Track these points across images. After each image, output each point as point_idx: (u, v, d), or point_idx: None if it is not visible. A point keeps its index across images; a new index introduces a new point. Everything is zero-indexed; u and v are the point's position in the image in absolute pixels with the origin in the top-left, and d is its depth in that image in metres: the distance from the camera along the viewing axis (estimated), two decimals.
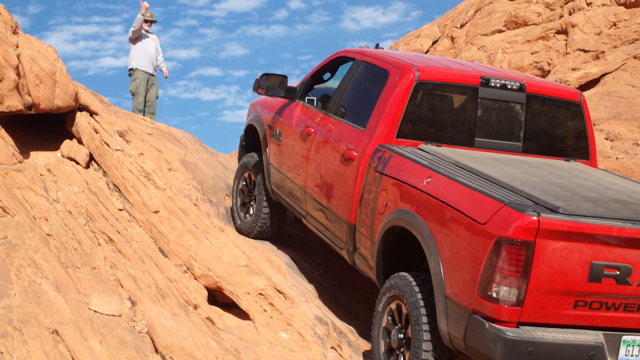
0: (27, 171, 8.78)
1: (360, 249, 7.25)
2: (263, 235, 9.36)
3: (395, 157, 6.87)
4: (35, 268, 6.96)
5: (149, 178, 9.35)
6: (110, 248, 8.13)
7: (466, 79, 7.36)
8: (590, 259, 5.42)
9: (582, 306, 5.52)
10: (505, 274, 5.35)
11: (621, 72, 14.67)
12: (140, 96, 15.05)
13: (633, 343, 5.65)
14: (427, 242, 6.07)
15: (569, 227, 5.35)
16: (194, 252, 8.27)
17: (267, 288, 7.88)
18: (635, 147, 11.46)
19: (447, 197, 6.01)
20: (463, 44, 20.04)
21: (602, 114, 13.03)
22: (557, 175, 6.58)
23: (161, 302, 7.26)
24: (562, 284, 5.42)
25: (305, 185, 8.21)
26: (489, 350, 5.46)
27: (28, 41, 9.52)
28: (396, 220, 6.54)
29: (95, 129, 9.82)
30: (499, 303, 5.40)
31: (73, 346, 6.02)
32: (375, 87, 7.63)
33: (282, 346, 7.27)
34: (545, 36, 17.45)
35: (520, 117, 7.45)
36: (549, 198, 5.65)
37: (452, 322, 5.78)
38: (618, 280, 5.48)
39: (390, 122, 7.18)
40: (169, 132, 11.29)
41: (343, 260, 7.86)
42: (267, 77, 8.82)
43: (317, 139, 8.13)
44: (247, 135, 10.10)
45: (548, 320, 5.53)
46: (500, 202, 5.53)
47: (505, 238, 5.32)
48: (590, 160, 7.65)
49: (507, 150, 7.37)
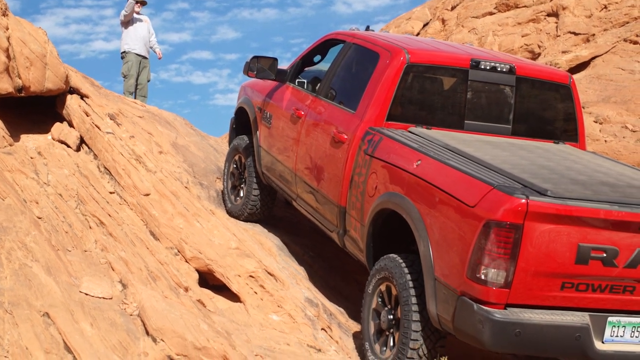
0: (18, 154, 8.77)
1: (350, 232, 7.27)
2: (253, 217, 9.38)
3: (385, 140, 6.88)
4: (25, 251, 6.97)
5: (140, 161, 9.35)
6: (101, 231, 8.15)
7: (456, 62, 7.36)
8: (577, 241, 5.47)
9: (569, 288, 5.58)
10: (494, 256, 5.39)
11: (611, 55, 14.70)
12: (131, 78, 15.00)
13: (618, 324, 5.72)
14: (416, 224, 6.11)
15: (557, 210, 5.41)
16: (185, 235, 8.29)
17: (257, 270, 7.91)
18: (623, 130, 11.51)
19: (437, 180, 6.04)
20: (454, 26, 20.02)
21: (591, 97, 13.06)
22: (546, 158, 6.60)
23: (152, 285, 7.29)
24: (549, 266, 5.47)
25: (295, 168, 8.22)
26: (477, 331, 5.52)
27: (18, 23, 9.49)
28: (386, 202, 6.57)
29: (86, 111, 9.81)
30: (487, 285, 5.45)
31: (64, 329, 6.05)
32: (365, 69, 7.62)
33: (273, 328, 7.31)
34: (536, 19, 17.45)
35: (509, 100, 7.45)
36: (538, 181, 5.68)
37: (440, 304, 5.82)
38: (605, 262, 5.54)
39: (381, 104, 7.18)
40: (159, 115, 11.27)
41: (333, 243, 7.89)
42: (258, 60, 8.80)
43: (307, 122, 8.13)
44: (238, 118, 10.10)
45: (535, 301, 5.58)
46: (489, 184, 5.57)
47: (494, 221, 5.36)
48: (579, 142, 7.68)
49: (496, 133, 7.39)
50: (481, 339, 5.52)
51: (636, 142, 11.11)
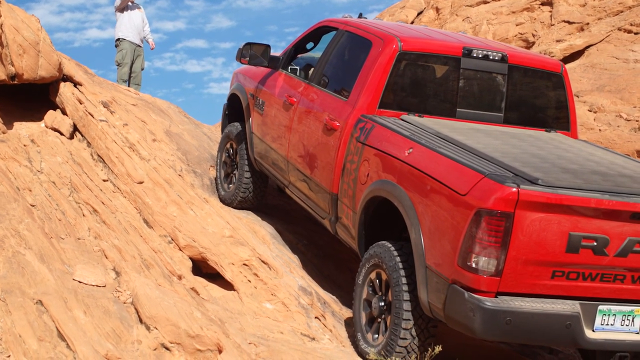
0: (11, 142, 8.75)
1: (342, 219, 7.30)
2: (245, 204, 9.36)
3: (378, 127, 6.90)
4: (19, 238, 6.96)
5: (133, 149, 9.33)
6: (95, 219, 8.13)
7: (448, 50, 7.38)
8: (568, 230, 5.49)
9: (559, 276, 5.61)
10: (485, 244, 5.42)
11: (605, 44, 14.71)
12: (125, 66, 14.99)
13: (609, 312, 5.76)
14: (408, 212, 6.13)
15: (548, 199, 5.42)
16: (179, 223, 8.28)
17: (251, 259, 7.91)
18: (618, 119, 11.52)
19: (429, 168, 6.06)
20: (448, 15, 20.01)
21: (585, 86, 13.07)
22: (537, 147, 6.62)
23: (146, 273, 7.28)
24: (540, 254, 5.49)
25: (288, 155, 8.23)
26: (468, 319, 5.55)
27: (11, 11, 9.45)
28: (378, 190, 6.60)
29: (79, 99, 9.78)
30: (478, 273, 5.48)
31: (57, 316, 6.04)
32: (358, 57, 7.63)
33: (267, 316, 7.31)
34: (530, 7, 17.45)
35: (501, 88, 7.47)
36: (529, 169, 5.69)
37: (432, 292, 5.85)
38: (595, 251, 5.56)
39: (373, 92, 7.20)
40: (153, 103, 11.25)
41: (327, 231, 7.89)
42: (250, 47, 8.81)
43: (299, 109, 8.14)
44: (230, 105, 10.09)
45: (526, 290, 5.60)
46: (481, 173, 5.59)
47: (485, 209, 5.39)
48: (571, 131, 7.69)
49: (488, 121, 7.41)
50: (472, 327, 5.55)
51: (630, 131, 11.13)
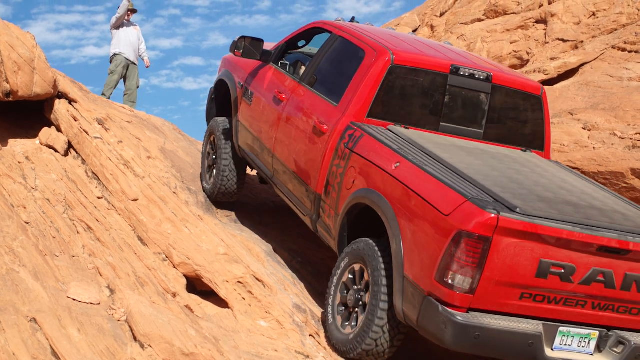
0: (5, 159, 8.74)
1: (323, 218, 7.60)
2: (226, 194, 9.58)
3: (366, 137, 7.17)
4: (13, 256, 6.95)
5: (128, 166, 9.33)
6: (89, 236, 8.12)
7: (438, 67, 7.67)
8: (539, 256, 5.87)
9: (527, 298, 5.98)
10: (462, 263, 5.76)
11: (600, 62, 14.74)
12: (116, 75, 14.97)
13: (568, 334, 6.15)
14: (390, 223, 6.44)
15: (525, 227, 5.77)
16: (173, 241, 8.27)
17: (246, 276, 7.90)
18: (612, 137, 11.54)
19: (414, 184, 6.37)
20: (443, 32, 20.06)
21: (579, 104, 13.09)
22: (515, 170, 6.94)
23: (140, 291, 7.26)
24: (512, 277, 5.85)
25: (274, 149, 8.47)
26: (439, 331, 5.90)
27: (6, 28, 9.46)
28: (363, 198, 6.89)
29: (74, 116, 9.78)
30: (453, 289, 5.82)
31: (51, 334, 6.02)
32: (350, 64, 7.91)
33: (261, 334, 7.29)
34: (524, 25, 17.50)
35: (484, 106, 7.79)
36: (508, 196, 6.03)
37: (407, 301, 6.19)
38: (562, 277, 5.95)
39: (363, 101, 7.49)
40: (148, 120, 11.26)
41: (321, 249, 7.90)
42: (244, 40, 9.05)
43: (289, 106, 8.38)
44: (217, 90, 10.30)
45: (495, 308, 5.99)
46: (464, 196, 5.91)
47: (466, 231, 5.72)
48: (545, 151, 8.07)
49: (468, 136, 7.73)
50: (443, 338, 5.89)
51: (624, 149, 11.14)
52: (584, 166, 10.98)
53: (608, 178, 10.78)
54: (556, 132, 11.77)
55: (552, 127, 12.11)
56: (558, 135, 11.77)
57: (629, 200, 7.84)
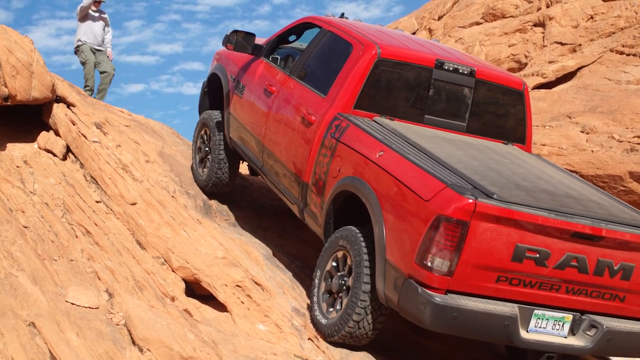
0: (4, 163, 8.74)
1: (310, 206, 7.82)
2: (220, 185, 9.74)
3: (352, 127, 7.41)
4: (11, 260, 6.94)
5: (127, 170, 9.33)
6: (88, 240, 8.12)
7: (423, 60, 7.92)
8: (515, 241, 6.09)
9: (503, 281, 6.20)
10: (441, 247, 6.00)
11: (598, 65, 14.76)
12: (90, 63, 14.59)
13: (542, 317, 6.39)
14: (374, 209, 6.67)
15: (501, 212, 6.00)
16: (172, 245, 8.27)
17: (244, 280, 7.90)
18: (610, 140, 11.55)
19: (397, 171, 6.61)
20: (441, 36, 20.07)
21: (578, 107, 13.11)
22: (495, 160, 7.16)
23: (138, 295, 7.26)
24: (488, 260, 6.07)
25: (264, 140, 8.66)
26: (419, 311, 6.13)
27: (4, 32, 9.47)
28: (348, 185, 7.13)
29: (73, 120, 9.78)
30: (432, 272, 6.06)
31: (50, 339, 6.02)
32: (338, 58, 8.12)
33: (260, 338, 7.29)
34: (522, 29, 17.52)
35: (467, 100, 8.05)
36: (486, 183, 6.26)
37: (388, 283, 6.42)
38: (537, 262, 6.20)
39: (350, 93, 7.72)
40: (146, 124, 11.26)
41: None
42: (237, 34, 9.24)
43: (279, 99, 8.57)
44: (210, 84, 10.44)
45: (473, 290, 6.20)
46: (444, 183, 6.17)
47: (444, 216, 5.96)
48: (526, 145, 8.32)
49: (452, 129, 7.97)
50: (422, 319, 6.14)
51: (622, 152, 11.15)
52: (582, 169, 11.01)
53: (606, 181, 10.80)
54: (554, 135, 11.80)
55: (551, 131, 12.13)
56: (556, 138, 11.80)
57: (627, 203, 7.84)
